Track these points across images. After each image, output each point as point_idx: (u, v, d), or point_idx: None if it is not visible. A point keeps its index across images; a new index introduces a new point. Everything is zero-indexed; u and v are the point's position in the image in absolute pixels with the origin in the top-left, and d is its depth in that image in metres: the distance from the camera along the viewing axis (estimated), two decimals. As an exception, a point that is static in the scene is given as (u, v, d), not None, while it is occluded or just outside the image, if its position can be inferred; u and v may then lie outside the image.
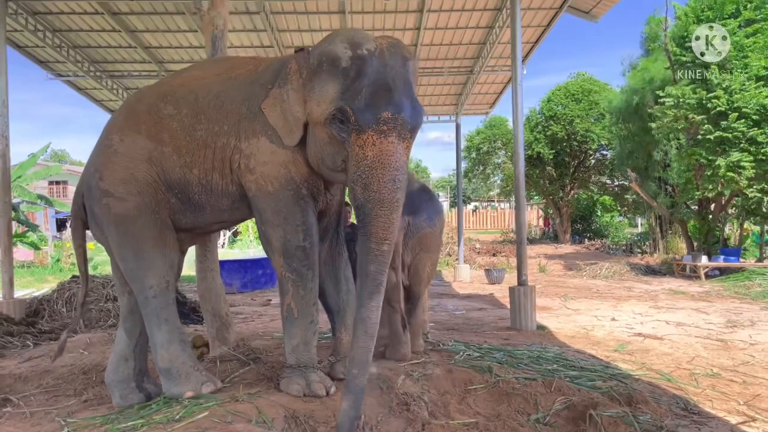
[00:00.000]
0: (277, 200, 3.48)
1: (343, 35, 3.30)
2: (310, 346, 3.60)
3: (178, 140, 3.59)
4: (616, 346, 5.80)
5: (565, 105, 23.34)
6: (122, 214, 3.60)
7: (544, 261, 16.87)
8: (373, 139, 3.02)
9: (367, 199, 3.01)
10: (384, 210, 2.98)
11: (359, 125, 3.04)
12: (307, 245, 3.50)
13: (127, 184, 3.60)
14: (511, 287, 7.03)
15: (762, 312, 8.20)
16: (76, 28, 9.87)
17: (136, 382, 3.76)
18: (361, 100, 3.05)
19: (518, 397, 3.66)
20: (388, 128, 3.03)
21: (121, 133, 3.71)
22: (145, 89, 4.23)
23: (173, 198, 3.66)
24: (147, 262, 3.58)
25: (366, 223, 3.01)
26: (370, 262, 2.95)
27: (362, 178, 3.04)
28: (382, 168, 3.01)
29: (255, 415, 3.09)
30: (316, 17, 9.76)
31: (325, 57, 3.22)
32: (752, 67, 11.88)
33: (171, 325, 3.63)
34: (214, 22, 4.84)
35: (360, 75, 3.11)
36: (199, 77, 3.82)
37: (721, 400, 4.00)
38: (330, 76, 3.19)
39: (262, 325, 7.12)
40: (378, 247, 2.97)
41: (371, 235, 2.98)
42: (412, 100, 3.17)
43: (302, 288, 3.50)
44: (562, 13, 9.00)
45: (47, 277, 15.36)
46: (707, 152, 12.09)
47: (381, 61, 3.15)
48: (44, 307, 7.25)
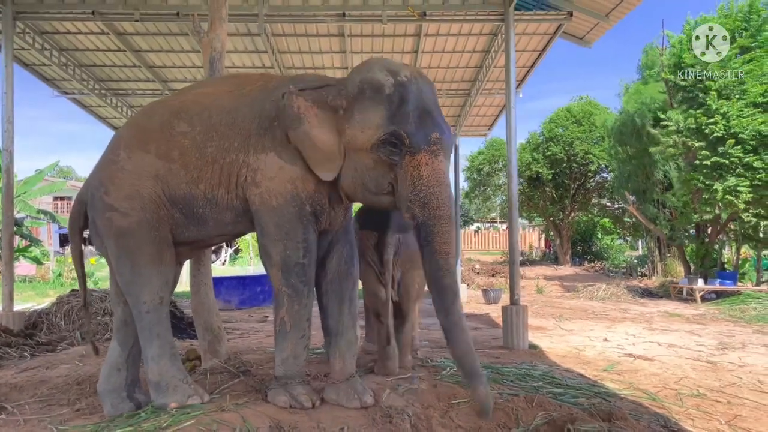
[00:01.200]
0: (281, 215, 3.53)
1: (380, 64, 3.48)
2: (300, 359, 3.68)
3: (187, 157, 3.66)
4: (605, 366, 5.83)
5: (566, 127, 23.55)
6: (123, 229, 3.68)
7: (542, 282, 16.89)
8: (426, 160, 3.25)
9: (428, 216, 3.23)
10: (445, 225, 3.24)
11: (413, 147, 3.25)
12: (306, 262, 3.57)
13: (131, 200, 3.69)
14: (504, 306, 7.10)
15: (754, 335, 8.23)
16: (82, 47, 10.08)
17: (127, 392, 3.83)
18: (412, 124, 3.26)
19: (500, 411, 3.71)
20: (437, 148, 3.29)
21: (128, 150, 3.79)
22: (155, 105, 4.29)
23: (177, 213, 3.73)
24: (143, 278, 3.67)
25: (430, 240, 3.23)
26: (443, 277, 3.22)
27: (420, 197, 3.25)
28: (439, 186, 3.26)
29: (240, 424, 3.18)
30: (316, 39, 9.93)
31: (367, 85, 3.38)
32: (750, 94, 12.02)
33: (162, 340, 3.72)
34: (212, 44, 4.99)
35: (403, 101, 3.30)
36: (211, 94, 3.89)
37: (703, 419, 4.06)
38: (374, 103, 3.34)
39: (257, 340, 7.18)
40: (446, 261, 3.22)
41: (438, 251, 3.22)
42: (446, 123, 3.46)
43: (297, 303, 3.57)
44: (557, 38, 9.16)
45: (48, 292, 15.41)
46: (705, 177, 12.21)
47: (418, 87, 3.37)
48: (43, 320, 7.32)
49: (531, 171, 23.38)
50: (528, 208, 25.95)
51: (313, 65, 10.83)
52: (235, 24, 8.70)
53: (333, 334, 3.91)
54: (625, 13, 7.87)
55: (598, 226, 26.02)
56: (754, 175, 11.56)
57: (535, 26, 9.04)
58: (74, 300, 7.61)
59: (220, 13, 5.16)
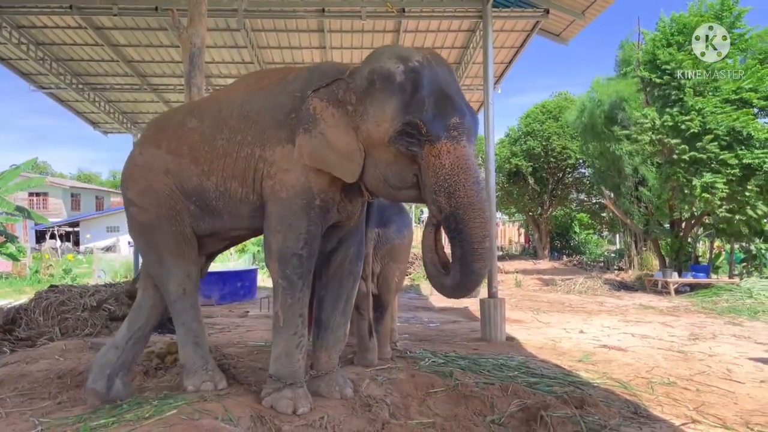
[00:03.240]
0: (286, 207, 3.47)
1: (389, 51, 3.30)
2: (293, 358, 3.56)
3: (196, 151, 3.74)
4: (580, 356, 5.97)
5: (542, 122, 23.79)
6: (144, 224, 3.92)
7: (521, 276, 17.04)
8: (447, 147, 3.04)
9: (457, 205, 3.02)
10: (476, 212, 3.02)
11: (432, 135, 3.04)
12: (304, 254, 3.49)
13: (145, 195, 3.88)
14: (482, 299, 7.20)
15: (725, 326, 8.46)
16: (59, 41, 10.02)
17: (111, 370, 3.90)
18: (428, 111, 3.05)
19: (476, 399, 3.83)
20: (458, 133, 3.06)
21: (141, 146, 4.03)
22: (177, 108, 4.49)
23: (192, 206, 3.83)
24: (167, 270, 3.88)
25: (461, 229, 3.02)
26: (475, 261, 3.02)
27: (445, 187, 3.04)
28: (464, 172, 3.03)
29: (222, 413, 3.23)
30: (296, 35, 9.97)
31: (377, 75, 3.19)
32: (723, 90, 12.27)
33: (186, 328, 3.93)
34: (192, 39, 5.01)
35: (417, 87, 3.09)
36: (229, 90, 4.03)
37: (671, 406, 4.20)
38: (385, 94, 3.15)
39: (238, 335, 7.20)
40: (480, 245, 3.01)
41: (471, 237, 3.01)
42: (469, 106, 3.22)
43: (290, 296, 3.50)
44: (534, 35, 9.29)
45: (25, 288, 15.26)
46: (684, 171, 12.44)
47: (432, 72, 3.15)
48: (21, 315, 7.24)
49: (510, 164, 23.57)
50: (507, 203, 26.14)
51: (293, 60, 10.86)
52: (215, 19, 8.71)
53: (322, 327, 3.89)
54: (601, 11, 8.01)
55: (576, 221, 26.31)
56: (728, 171, 11.81)
57: (512, 23, 9.17)
58: (52, 296, 7.56)
59: (199, 8, 5.18)
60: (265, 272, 16.06)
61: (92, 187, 46.75)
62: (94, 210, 40.14)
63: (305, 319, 3.60)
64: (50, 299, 7.50)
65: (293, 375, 3.56)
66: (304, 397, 3.54)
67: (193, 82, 5.24)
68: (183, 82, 11.37)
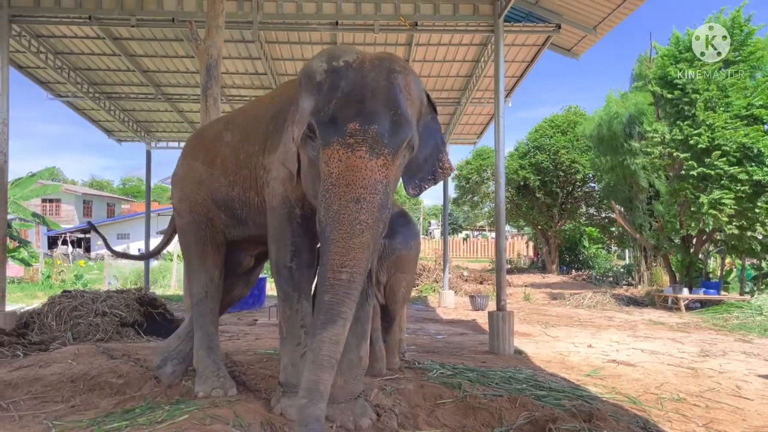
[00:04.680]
0: (275, 216, 3.48)
1: (327, 50, 3.12)
2: (299, 368, 3.49)
3: (227, 163, 3.89)
4: (589, 371, 5.96)
5: (551, 136, 23.81)
6: (181, 228, 4.25)
7: (530, 290, 17.01)
8: (339, 154, 2.66)
9: (328, 220, 2.64)
10: (342, 233, 2.59)
11: (324, 139, 2.72)
12: (293, 266, 3.43)
13: (182, 202, 4.17)
14: (490, 312, 7.22)
15: (736, 343, 8.40)
16: (77, 51, 10.18)
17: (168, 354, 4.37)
18: (328, 112, 2.75)
19: (484, 411, 3.84)
20: (355, 141, 2.65)
21: (183, 158, 4.31)
22: (218, 120, 4.69)
23: (223, 215, 4.00)
24: (193, 272, 4.14)
25: (325, 249, 2.67)
26: (326, 291, 2.61)
27: (325, 198, 2.67)
28: (346, 186, 2.62)
29: (233, 419, 3.28)
30: (309, 47, 10.10)
31: (303, 74, 3.06)
32: (733, 106, 12.26)
33: (203, 331, 4.09)
34: (209, 51, 5.11)
35: (333, 88, 2.84)
36: (257, 103, 4.22)
37: (680, 422, 4.19)
38: (306, 93, 2.97)
39: (246, 343, 7.25)
40: (334, 275, 2.59)
41: (329, 261, 2.61)
42: (395, 113, 2.77)
43: (288, 308, 3.50)
44: (545, 49, 9.35)
45: (37, 293, 15.39)
46: (692, 187, 12.42)
47: (359, 73, 2.87)
48: (34, 319, 7.34)
49: (518, 176, 23.58)
50: (516, 216, 26.11)
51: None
52: (230, 31, 8.82)
53: None
54: (612, 27, 8.06)
55: (585, 235, 26.23)
56: (738, 187, 11.78)
57: (524, 37, 9.23)
58: (65, 301, 7.63)
59: (217, 21, 5.28)
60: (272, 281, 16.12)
61: (104, 194, 47.12)
62: (105, 217, 40.41)
63: (308, 329, 3.50)
64: (63, 304, 7.58)
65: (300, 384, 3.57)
66: None
67: (209, 93, 5.33)
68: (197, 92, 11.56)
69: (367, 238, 2.64)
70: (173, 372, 4.27)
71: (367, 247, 2.65)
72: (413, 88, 3.02)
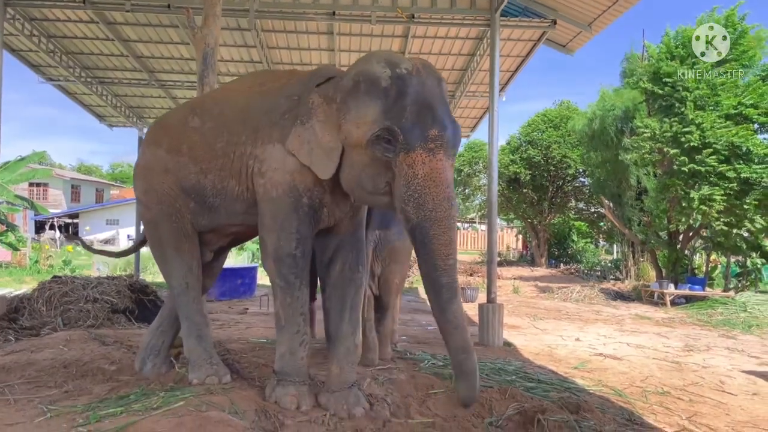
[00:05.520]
0: (277, 206, 3.52)
1: (379, 56, 3.31)
2: (296, 356, 3.62)
3: (195, 150, 3.86)
4: (576, 363, 6.05)
5: (543, 131, 23.90)
6: (149, 221, 4.14)
7: (518, 283, 17.13)
8: (422, 158, 3.04)
9: (423, 218, 3.05)
10: (443, 228, 3.06)
11: (408, 144, 3.05)
12: (297, 254, 3.53)
13: (148, 194, 4.07)
14: (480, 304, 7.28)
15: (719, 338, 8.53)
16: (71, 35, 10.09)
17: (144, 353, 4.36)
18: (408, 119, 3.05)
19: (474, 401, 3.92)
20: (436, 146, 3.06)
21: (145, 147, 4.20)
22: (184, 103, 4.63)
23: (192, 202, 3.96)
24: (169, 265, 4.08)
25: (426, 243, 3.08)
26: (441, 275, 3.12)
27: (414, 198, 3.05)
28: (435, 186, 3.04)
29: (228, 406, 3.32)
30: (306, 36, 10.07)
31: (363, 77, 3.21)
32: (723, 106, 12.37)
33: (190, 321, 4.08)
34: (205, 39, 5.10)
35: (401, 94, 3.10)
36: (233, 90, 4.14)
37: (664, 415, 4.28)
38: (369, 97, 3.16)
39: (238, 332, 7.28)
40: (444, 262, 3.09)
41: (434, 252, 3.08)
42: (452, 120, 3.21)
43: (289, 296, 3.56)
44: (540, 45, 9.39)
45: (25, 278, 15.32)
46: (683, 183, 12.54)
47: (419, 81, 3.16)
48: (24, 305, 7.31)
49: (509, 172, 23.67)
50: (506, 210, 26.24)
51: (301, 62, 10.96)
52: (226, 18, 8.78)
53: (332, 339, 3.82)
54: (607, 24, 8.11)
55: (574, 229, 26.41)
56: (726, 184, 11.91)
57: (519, 32, 9.25)
58: (55, 286, 7.62)
59: (214, 9, 5.27)
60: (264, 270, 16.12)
61: (93, 180, 46.71)
62: (93, 202, 40.15)
63: (306, 316, 3.67)
64: (53, 290, 7.56)
65: (297, 372, 3.64)
66: (307, 394, 3.62)
67: (205, 81, 5.33)
68: (191, 79, 11.55)
69: (456, 229, 3.22)
70: (154, 366, 4.26)
71: (456, 235, 3.23)
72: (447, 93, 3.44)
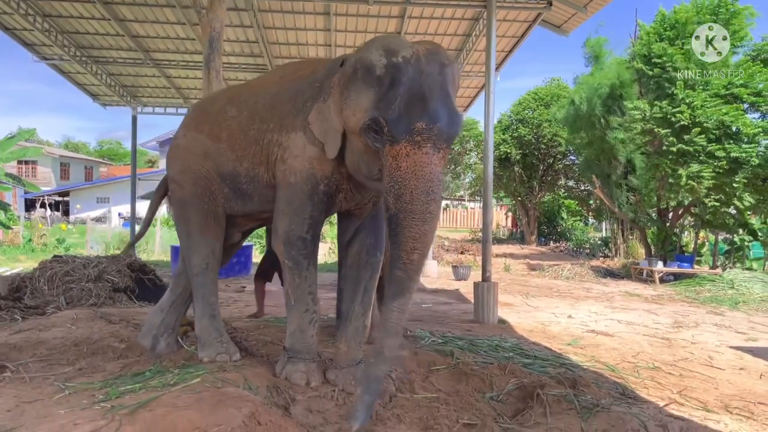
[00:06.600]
0: (294, 192, 3.62)
1: (380, 42, 3.21)
2: (306, 334, 3.75)
3: (234, 138, 3.98)
4: (569, 340, 6.22)
5: (534, 109, 23.98)
6: (180, 199, 4.27)
7: (509, 261, 17.28)
8: (407, 150, 2.94)
9: (399, 209, 2.94)
10: (415, 221, 2.92)
11: (393, 136, 2.97)
12: (308, 237, 3.65)
13: (184, 173, 4.22)
14: (476, 282, 7.43)
15: (707, 315, 8.76)
16: (66, 14, 10.04)
17: (156, 330, 4.42)
18: (395, 111, 2.96)
19: (476, 377, 4.06)
20: (422, 139, 2.93)
21: (185, 129, 4.34)
22: (221, 92, 4.76)
23: (226, 188, 4.10)
24: (193, 244, 4.20)
25: (397, 232, 2.95)
26: (398, 268, 2.94)
27: (395, 189, 2.96)
28: (416, 179, 2.93)
29: (242, 382, 3.45)
30: (302, 17, 10.08)
31: (360, 65, 3.17)
32: (713, 85, 12.50)
33: (205, 301, 4.20)
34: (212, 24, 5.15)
35: (394, 84, 3.01)
36: (266, 80, 4.27)
37: (656, 389, 4.45)
38: (364, 85, 3.12)
39: (237, 310, 7.40)
40: (407, 256, 2.92)
41: (401, 244, 2.92)
42: (449, 109, 3.06)
43: (297, 276, 3.68)
44: (536, 26, 9.46)
45: (19, 257, 15.34)
46: (671, 162, 12.70)
47: (417, 69, 3.04)
48: (26, 284, 7.37)
49: (500, 151, 23.78)
50: (497, 188, 26.37)
51: (297, 41, 10.97)
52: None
53: (343, 318, 3.92)
54: (603, 5, 8.19)
55: (563, 207, 26.63)
56: (716, 163, 12.09)
57: (515, 13, 9.31)
58: (57, 266, 7.69)
59: (220, -7, 5.30)
60: (258, 248, 16.21)
61: (82, 157, 46.35)
62: (83, 180, 39.89)
63: (315, 296, 3.79)
64: (54, 269, 7.62)
65: (307, 349, 3.78)
66: (316, 371, 3.74)
67: (211, 65, 5.38)
68: (186, 59, 11.54)
69: (434, 224, 3.03)
70: (168, 345, 4.38)
71: (433, 231, 3.06)
72: (456, 78, 3.27)
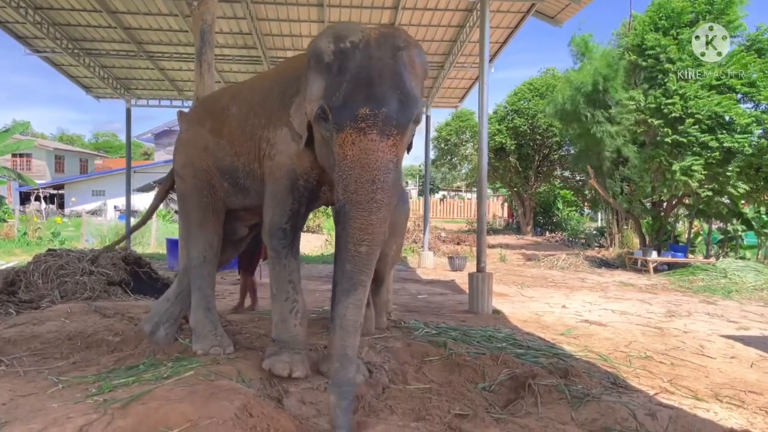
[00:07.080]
0: (277, 186, 3.69)
1: (333, 28, 3.15)
2: (288, 324, 3.74)
3: (233, 134, 4.04)
4: (563, 330, 6.27)
5: (529, 99, 23.95)
6: (182, 192, 4.37)
7: (505, 251, 17.31)
8: (352, 138, 2.80)
9: (346, 200, 2.82)
10: (361, 212, 2.78)
11: (337, 124, 2.85)
12: (287, 228, 3.69)
13: (185, 167, 4.30)
14: (471, 273, 7.47)
15: (700, 304, 8.81)
16: (58, 6, 10.00)
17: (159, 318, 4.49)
18: (339, 97, 2.86)
19: (468, 368, 4.10)
20: (367, 125, 2.78)
21: (188, 124, 4.44)
22: (226, 90, 4.88)
23: (226, 183, 4.17)
24: (192, 237, 4.28)
25: (345, 224, 2.84)
26: (346, 261, 2.83)
27: (342, 179, 2.84)
28: (360, 168, 2.78)
29: (235, 375, 3.48)
30: (295, 8, 10.05)
31: (312, 53, 3.14)
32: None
33: (201, 293, 4.26)
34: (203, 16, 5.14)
35: (342, 70, 2.93)
36: (264, 77, 4.32)
37: (647, 378, 4.49)
38: (316, 73, 3.08)
39: (233, 302, 7.41)
40: (355, 248, 2.80)
41: (349, 236, 2.81)
42: (402, 93, 2.89)
43: (277, 264, 3.73)
44: (529, 17, 9.44)
45: (15, 250, 15.29)
46: (666, 153, 12.72)
47: (365, 54, 2.94)
48: (20, 278, 7.32)
49: (495, 142, 23.77)
50: (493, 179, 26.38)
51: (291, 33, 10.93)
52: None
53: None
54: (596, -4, 8.18)
55: (559, 198, 26.66)
56: (709, 153, 12.11)
57: (509, 4, 9.29)
58: (51, 259, 7.67)
59: (211, -16, 5.28)
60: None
61: (77, 150, 46.17)
62: (78, 173, 39.76)
63: (296, 284, 3.78)
64: (49, 263, 7.59)
65: (292, 339, 3.77)
66: (300, 362, 3.68)
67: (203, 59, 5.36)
68: (179, 51, 11.48)
69: (384, 214, 2.84)
70: (167, 335, 4.40)
71: (383, 222, 2.86)
72: (417, 61, 3.13)
